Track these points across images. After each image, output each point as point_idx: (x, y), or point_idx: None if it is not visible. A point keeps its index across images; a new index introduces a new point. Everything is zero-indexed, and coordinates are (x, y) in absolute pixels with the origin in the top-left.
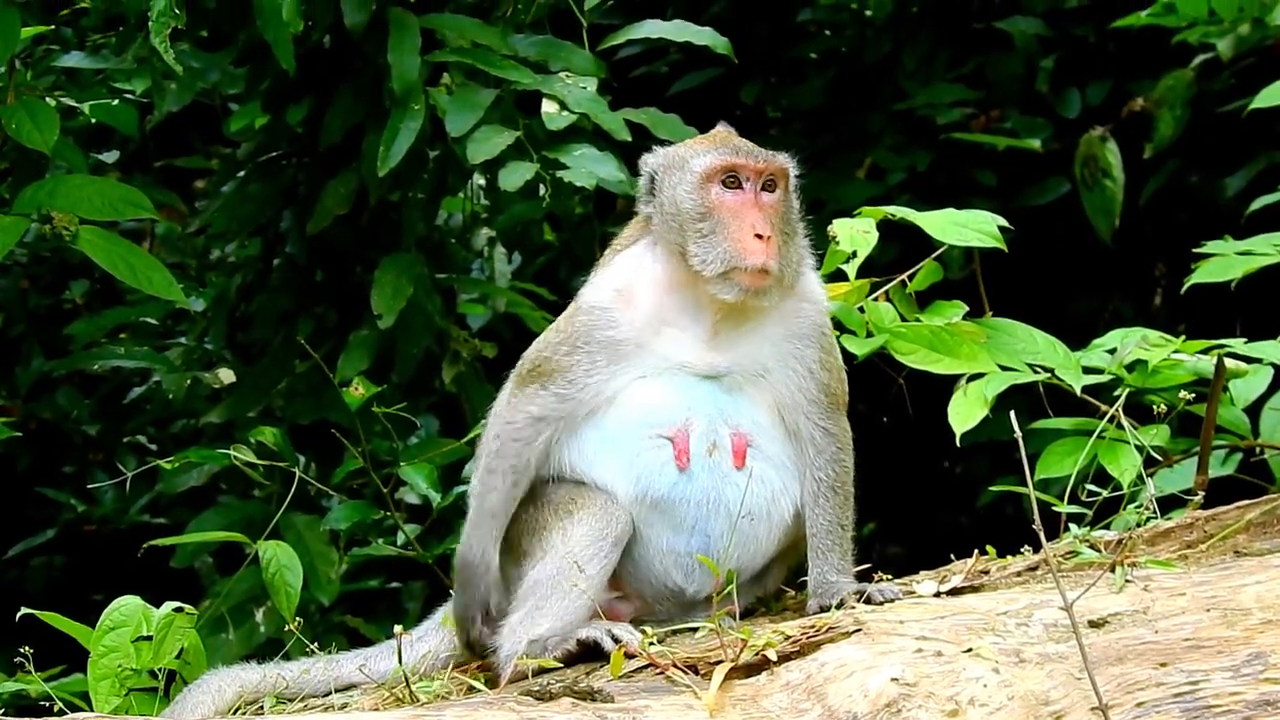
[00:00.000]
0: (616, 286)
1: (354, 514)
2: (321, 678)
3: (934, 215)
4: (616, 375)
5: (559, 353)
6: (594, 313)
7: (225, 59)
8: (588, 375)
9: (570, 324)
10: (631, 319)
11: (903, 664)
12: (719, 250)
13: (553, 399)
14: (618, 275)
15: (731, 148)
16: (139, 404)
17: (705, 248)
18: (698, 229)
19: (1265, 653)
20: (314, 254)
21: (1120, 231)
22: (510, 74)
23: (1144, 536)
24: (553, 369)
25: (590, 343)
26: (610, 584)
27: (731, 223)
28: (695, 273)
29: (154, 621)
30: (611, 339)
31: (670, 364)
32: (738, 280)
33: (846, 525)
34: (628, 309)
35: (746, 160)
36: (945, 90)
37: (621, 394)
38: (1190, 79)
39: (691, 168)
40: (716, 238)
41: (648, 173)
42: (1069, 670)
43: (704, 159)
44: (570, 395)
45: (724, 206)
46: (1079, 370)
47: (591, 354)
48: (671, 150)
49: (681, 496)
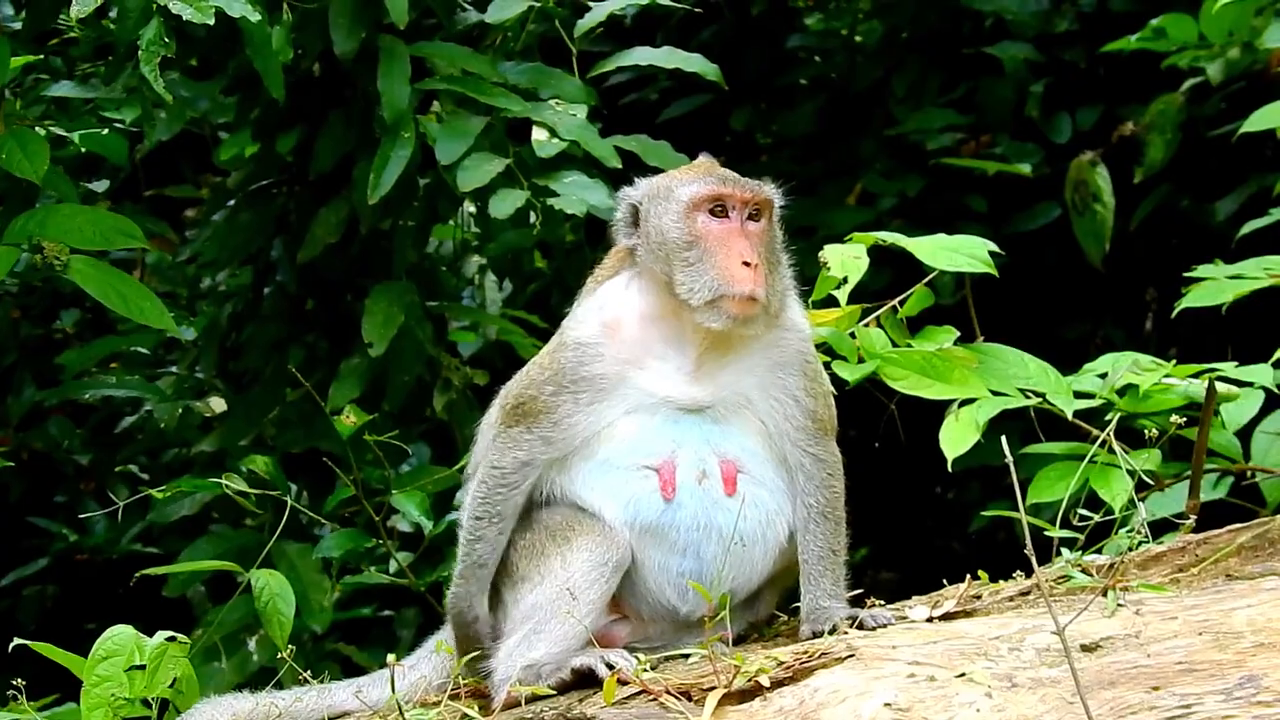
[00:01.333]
0: (601, 320)
1: (346, 542)
2: (315, 706)
3: (925, 241)
4: (602, 412)
5: (544, 392)
6: (579, 348)
7: (215, 88)
8: (571, 415)
9: (555, 360)
10: (616, 353)
11: (896, 689)
12: (706, 279)
13: (539, 442)
14: (602, 308)
15: (718, 177)
16: (130, 433)
17: (692, 276)
18: (684, 258)
19: (1257, 676)
20: (305, 282)
21: (1111, 256)
22: (500, 101)
23: (1136, 560)
24: (539, 409)
25: (576, 380)
26: (607, 606)
27: (719, 251)
28: (682, 302)
29: (147, 651)
30: (596, 374)
31: (655, 398)
32: (725, 308)
33: (839, 550)
34: (612, 343)
35: (733, 190)
36: (935, 116)
37: (607, 429)
38: (1180, 103)
39: (678, 197)
40: (704, 266)
41: (629, 204)
42: (1062, 695)
43: (690, 188)
44: (556, 437)
45: (711, 235)
46: (1070, 395)
47: (576, 394)
48: (655, 181)
49: (670, 523)
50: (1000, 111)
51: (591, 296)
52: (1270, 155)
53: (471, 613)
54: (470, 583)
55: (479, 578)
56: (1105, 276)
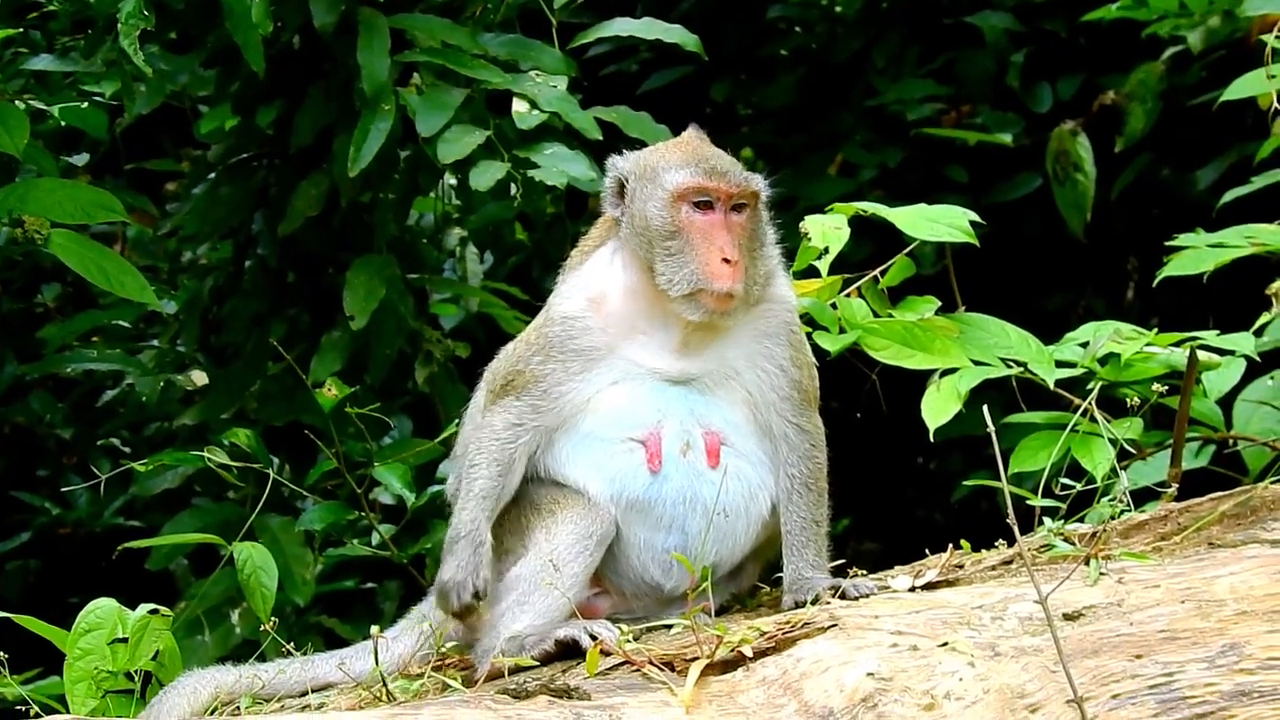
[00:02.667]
0: (588, 295)
1: (328, 515)
2: (298, 678)
3: (906, 211)
4: (590, 381)
5: (532, 363)
6: (565, 322)
7: (195, 61)
8: (561, 384)
9: (542, 334)
10: (604, 326)
11: (878, 659)
12: (686, 271)
13: (528, 409)
14: (588, 282)
15: (705, 167)
16: (112, 407)
17: (672, 267)
18: (666, 247)
19: (1240, 644)
20: (286, 256)
21: (1092, 225)
22: (480, 73)
23: (1118, 529)
24: (527, 380)
25: (565, 352)
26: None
27: (700, 244)
28: (661, 290)
29: (129, 624)
30: (585, 346)
31: (642, 369)
32: (703, 302)
33: (821, 521)
34: (599, 316)
35: (719, 184)
36: (916, 86)
37: (594, 399)
38: (1161, 72)
39: (663, 184)
40: (684, 258)
41: (616, 176)
42: (1044, 663)
43: (676, 177)
44: (546, 406)
45: (693, 227)
46: (1052, 364)
47: (565, 362)
48: (643, 158)
49: (656, 497)
50: (980, 82)
51: (577, 271)
52: (1251, 123)
53: (474, 531)
54: (470, 507)
55: (480, 506)
56: (1086, 246)
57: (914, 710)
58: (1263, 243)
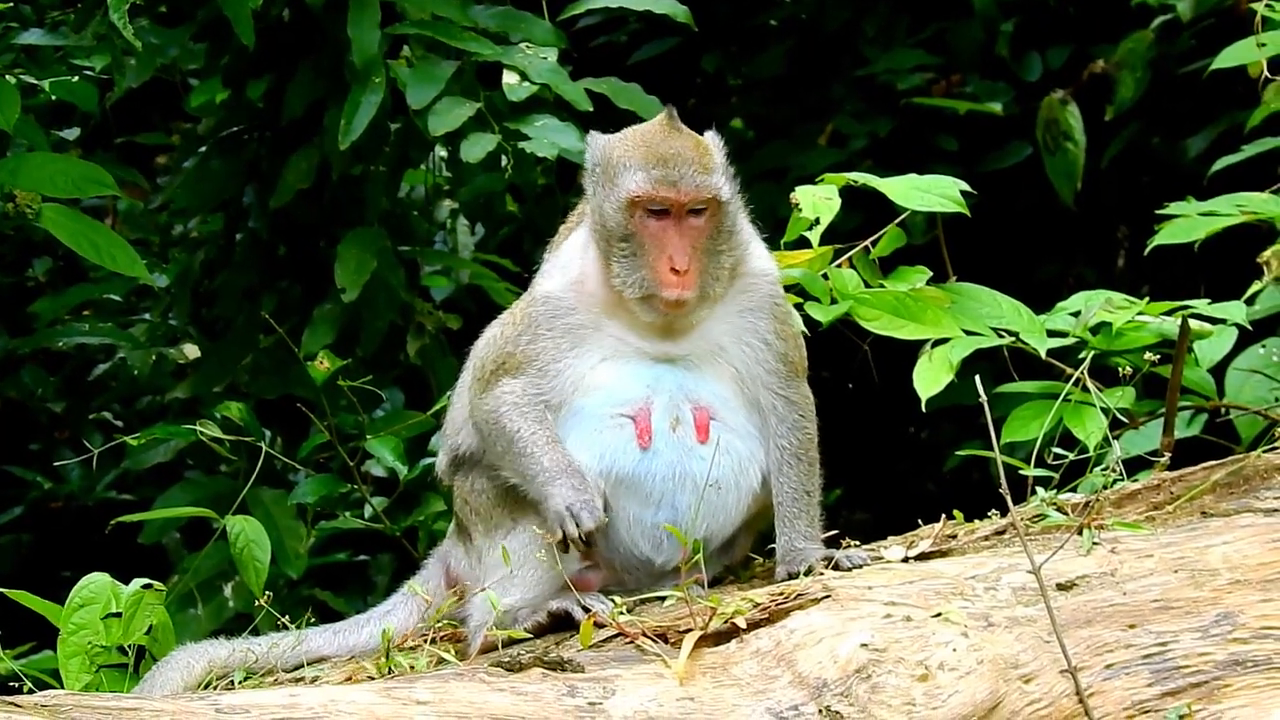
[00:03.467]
0: (569, 275)
1: (321, 488)
2: (291, 652)
3: (896, 181)
4: (581, 358)
5: (520, 344)
6: (548, 301)
7: (185, 35)
8: (556, 360)
9: (525, 314)
10: (588, 305)
11: (872, 629)
12: (638, 276)
13: (530, 385)
14: (568, 263)
15: (660, 174)
16: (104, 381)
17: (626, 269)
18: (620, 248)
19: (1233, 613)
20: (277, 229)
21: (1082, 194)
22: (470, 46)
23: (1111, 499)
24: (519, 360)
25: (552, 329)
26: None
27: (652, 251)
28: (615, 289)
29: (123, 598)
30: (573, 323)
31: (629, 347)
32: (656, 306)
33: (813, 492)
34: (582, 295)
35: (671, 194)
36: (906, 56)
37: (587, 375)
38: (1150, 40)
39: (621, 187)
40: (636, 261)
41: (591, 155)
42: (1038, 633)
43: (631, 182)
44: (544, 383)
45: (646, 233)
46: (1043, 334)
47: (555, 338)
48: (607, 149)
49: (646, 472)
50: (970, 51)
51: (556, 253)
52: (1241, 92)
53: (573, 464)
54: (550, 450)
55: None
56: (1077, 215)
57: (908, 681)
58: (1253, 211)
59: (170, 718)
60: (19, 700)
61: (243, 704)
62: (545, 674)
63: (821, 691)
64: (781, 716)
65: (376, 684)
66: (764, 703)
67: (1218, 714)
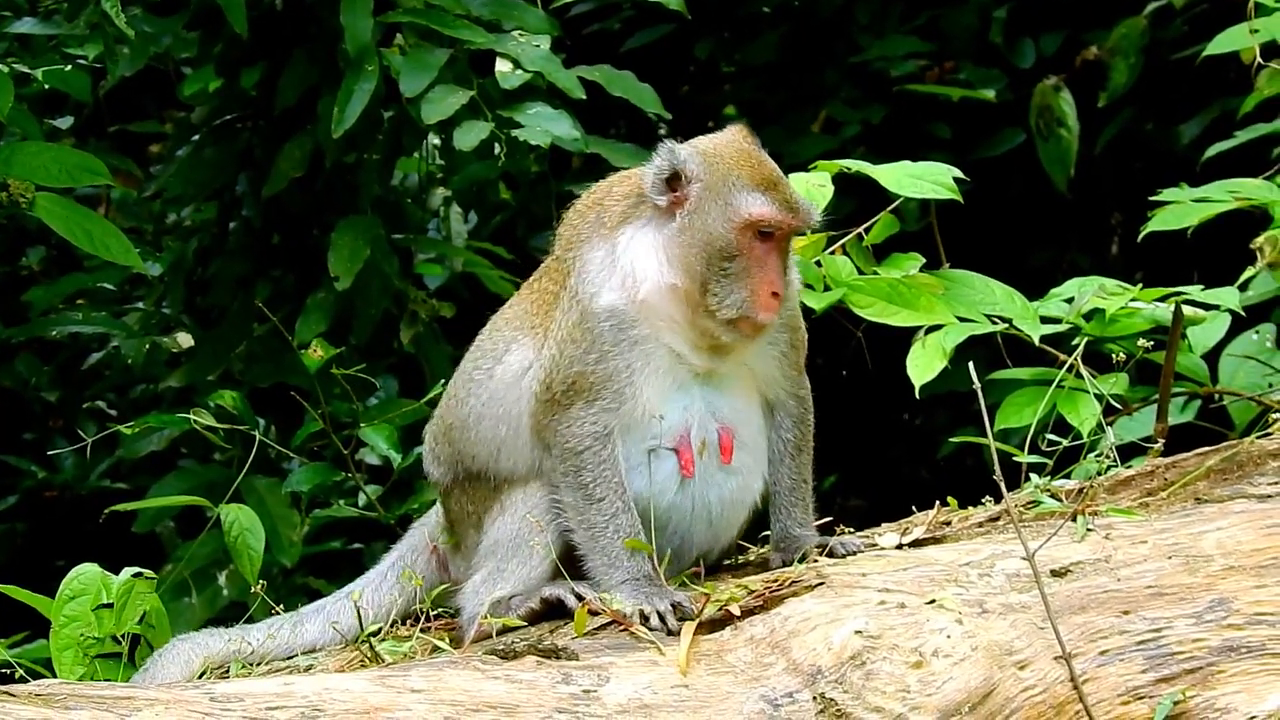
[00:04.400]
0: (624, 283)
1: (315, 476)
2: (287, 642)
3: (889, 168)
4: (646, 380)
5: (588, 363)
6: (614, 315)
7: (178, 23)
8: (628, 384)
9: (588, 331)
10: (649, 318)
11: (866, 616)
12: (738, 296)
13: (604, 414)
14: (625, 277)
15: (780, 198)
16: (98, 370)
17: (725, 289)
18: (723, 267)
19: (1228, 599)
20: (270, 217)
21: (1076, 181)
22: (463, 33)
23: (1105, 485)
24: (591, 383)
25: (618, 346)
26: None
27: (756, 273)
28: (709, 308)
29: (114, 588)
30: (635, 339)
31: (681, 366)
32: (741, 329)
33: (809, 480)
34: (643, 308)
35: (792, 220)
36: (899, 43)
37: (649, 401)
38: (1143, 27)
39: (737, 207)
40: (738, 283)
41: (674, 167)
42: (1032, 620)
43: (752, 205)
44: (618, 411)
45: (754, 255)
46: (1037, 320)
47: (623, 355)
48: (713, 163)
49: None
50: (963, 38)
51: (608, 252)
52: (1234, 78)
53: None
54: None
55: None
56: (1070, 201)
57: (902, 668)
58: (1246, 197)
59: (164, 706)
60: (13, 690)
61: (237, 692)
62: (540, 661)
63: (816, 678)
64: (776, 704)
65: (371, 672)
66: (758, 690)
67: (1212, 700)
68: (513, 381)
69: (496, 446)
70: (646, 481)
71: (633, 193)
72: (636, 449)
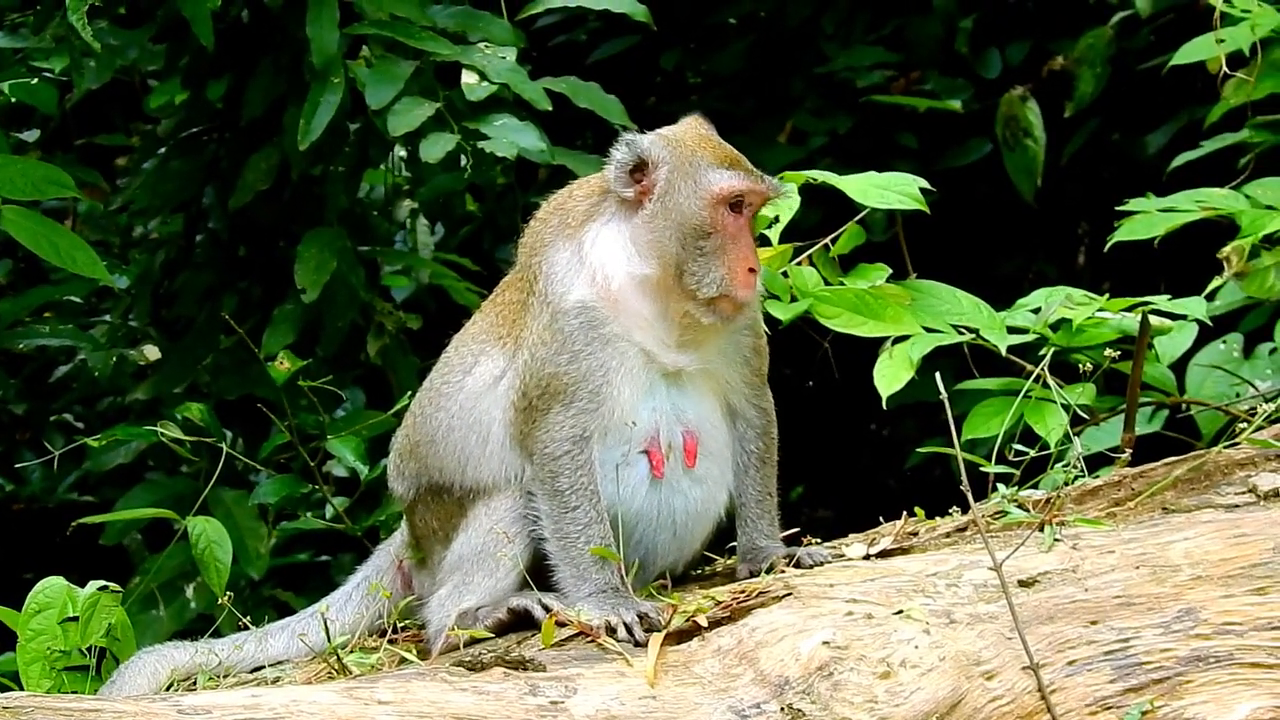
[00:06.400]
0: (593, 279)
1: (282, 488)
2: (253, 655)
3: (856, 179)
4: (621, 379)
5: (560, 364)
6: (585, 312)
7: (144, 36)
8: (604, 383)
9: (561, 332)
10: (618, 313)
11: (834, 627)
12: (716, 274)
13: (582, 415)
14: (593, 272)
15: (745, 169)
16: (65, 382)
17: (703, 268)
18: (698, 246)
19: (1195, 609)
20: (237, 229)
21: (1043, 191)
22: (429, 45)
23: (1072, 495)
24: (565, 384)
25: (590, 344)
26: None
27: (731, 250)
28: (686, 290)
29: (80, 601)
30: (606, 336)
31: (653, 364)
32: (721, 309)
33: (774, 493)
34: (612, 303)
35: (760, 187)
36: (865, 53)
37: (624, 401)
38: (1110, 37)
39: (708, 184)
40: (715, 261)
41: (635, 153)
42: (1000, 630)
43: (722, 179)
44: (595, 412)
45: (727, 231)
46: (1004, 330)
47: (596, 354)
48: (677, 147)
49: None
50: (929, 48)
51: (574, 252)
52: (1200, 88)
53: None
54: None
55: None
56: (1037, 211)
57: (870, 678)
58: (1213, 207)
59: (132, 718)
60: None
61: (205, 704)
62: (507, 673)
63: (783, 689)
64: (744, 714)
65: (338, 684)
66: (726, 701)
67: (1180, 710)
68: (484, 390)
69: (465, 458)
70: (616, 487)
71: (594, 192)
72: (609, 454)
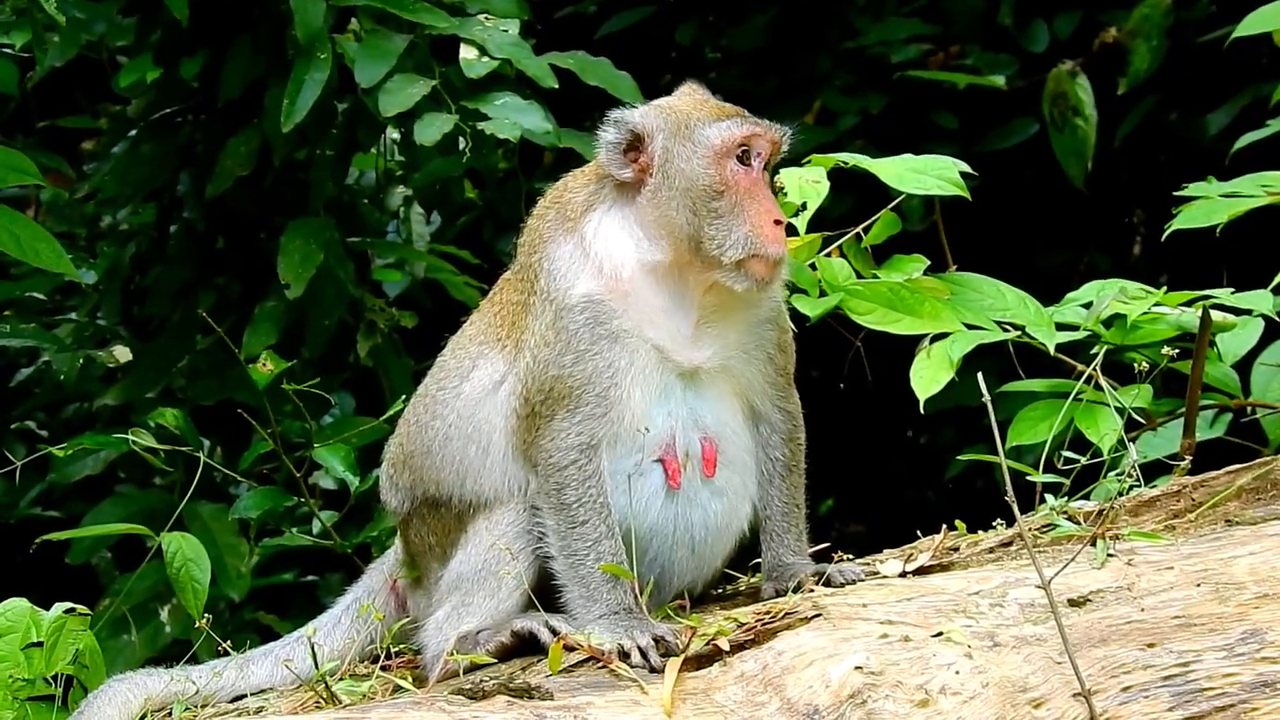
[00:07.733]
0: (599, 271)
1: (264, 501)
2: (233, 682)
3: (890, 162)
4: (632, 381)
5: (564, 365)
6: (590, 307)
7: (112, 8)
8: (611, 386)
9: (565, 330)
10: (626, 308)
11: (867, 651)
12: (740, 233)
13: (590, 421)
14: (600, 263)
15: (742, 117)
16: (27, 387)
17: (723, 230)
18: (713, 208)
19: (1261, 630)
20: (214, 220)
21: (1094, 175)
22: (424, 18)
23: (1127, 506)
24: (570, 387)
25: (596, 342)
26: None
27: (749, 205)
28: (710, 258)
29: (44, 626)
30: (614, 332)
31: (663, 360)
32: (754, 270)
33: (801, 504)
34: (616, 296)
35: (764, 131)
36: (899, 26)
37: (634, 406)
38: (1167, 7)
39: (706, 139)
40: (735, 219)
41: (628, 129)
42: (1048, 653)
43: (721, 130)
44: (602, 418)
45: (740, 186)
46: (1052, 327)
47: (602, 352)
48: (667, 113)
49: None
50: (970, 19)
51: (577, 244)
52: (1266, 62)
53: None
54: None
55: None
56: (1088, 197)
57: (907, 707)
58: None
59: None
60: None
61: None
62: (510, 702)
63: (813, 719)
64: None
65: (327, 714)
66: None
67: None
68: (483, 397)
69: (464, 469)
70: (629, 499)
71: (591, 179)
72: (621, 464)
